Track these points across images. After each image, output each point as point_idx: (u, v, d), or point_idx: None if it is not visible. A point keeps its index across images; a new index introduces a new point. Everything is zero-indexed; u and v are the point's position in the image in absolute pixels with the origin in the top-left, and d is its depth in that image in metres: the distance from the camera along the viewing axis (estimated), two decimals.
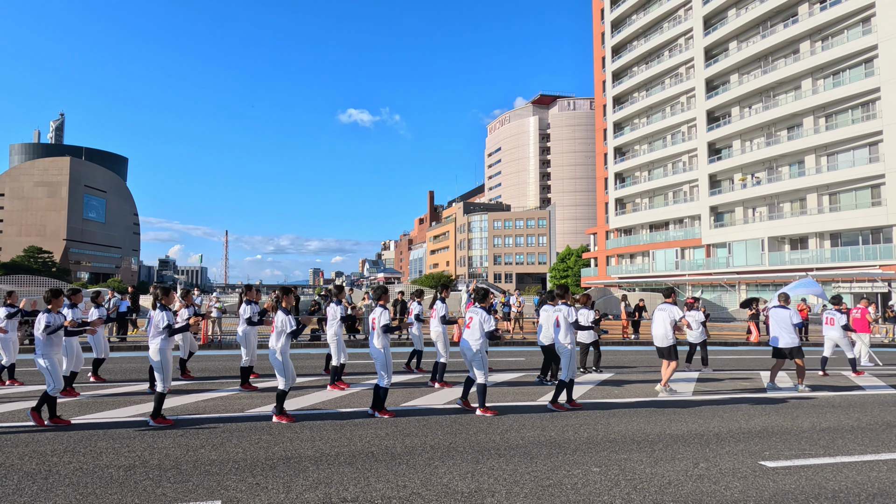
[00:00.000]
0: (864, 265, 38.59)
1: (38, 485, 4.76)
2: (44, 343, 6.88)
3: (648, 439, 6.53)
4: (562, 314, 8.32)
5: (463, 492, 4.71)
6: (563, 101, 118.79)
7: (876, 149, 39.32)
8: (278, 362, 7.11)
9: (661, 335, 9.61)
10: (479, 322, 7.66)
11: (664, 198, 58.31)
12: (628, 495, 4.68)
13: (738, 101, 49.95)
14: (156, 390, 6.94)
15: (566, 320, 8.27)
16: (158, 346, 6.89)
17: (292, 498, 4.51)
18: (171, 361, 7.03)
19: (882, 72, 38.11)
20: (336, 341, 9.65)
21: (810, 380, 11.62)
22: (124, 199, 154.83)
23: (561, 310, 8.38)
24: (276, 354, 7.11)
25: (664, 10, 57.83)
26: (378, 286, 8.27)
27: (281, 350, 7.10)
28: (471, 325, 7.77)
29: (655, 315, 9.79)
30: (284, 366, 7.11)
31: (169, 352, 6.99)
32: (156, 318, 6.97)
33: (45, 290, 7.22)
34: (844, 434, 7.00)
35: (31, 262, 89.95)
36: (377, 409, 7.54)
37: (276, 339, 7.12)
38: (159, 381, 6.89)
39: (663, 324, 9.59)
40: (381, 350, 7.55)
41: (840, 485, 5.06)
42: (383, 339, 7.61)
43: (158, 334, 6.90)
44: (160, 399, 6.91)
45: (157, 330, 6.91)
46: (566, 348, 8.23)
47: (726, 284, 47.33)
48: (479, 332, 7.62)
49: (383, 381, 7.45)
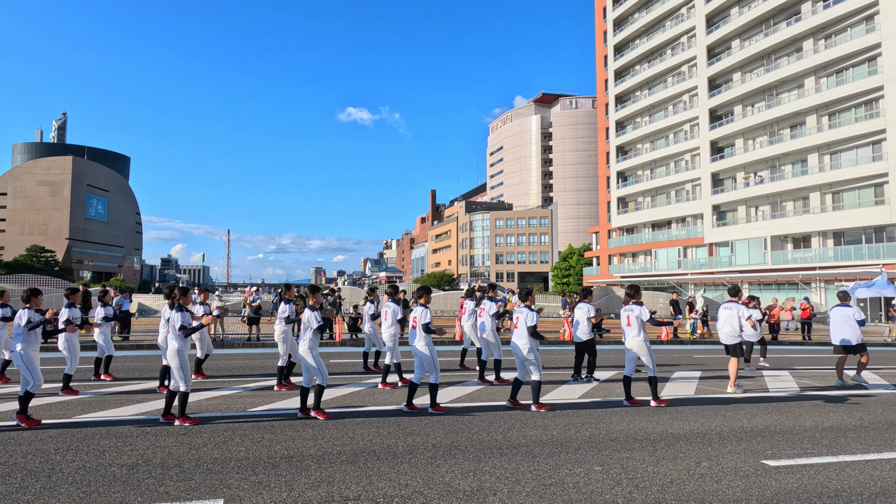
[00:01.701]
0: (868, 264, 38.48)
1: (41, 483, 4.77)
2: (23, 339, 6.90)
3: (650, 438, 6.52)
4: (633, 314, 8.50)
5: (465, 490, 4.71)
6: (566, 100, 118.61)
7: (879, 147, 39.20)
8: (306, 360, 7.25)
9: (728, 333, 9.79)
10: (524, 321, 7.84)
11: (666, 197, 58.21)
12: (630, 494, 4.67)
13: (741, 99, 49.83)
14: (179, 390, 6.91)
15: (639, 319, 8.46)
16: (176, 346, 6.91)
17: (294, 496, 4.52)
18: (188, 361, 7.06)
19: (885, 70, 37.98)
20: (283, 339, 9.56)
21: (821, 379, 11.58)
22: (127, 198, 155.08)
23: (633, 310, 8.57)
24: (303, 351, 7.24)
25: (666, 9, 57.71)
26: (420, 286, 8.41)
27: (309, 347, 7.21)
28: (518, 325, 7.93)
29: (722, 313, 10.00)
30: (316, 361, 7.23)
31: (186, 352, 7.01)
32: (172, 319, 7.00)
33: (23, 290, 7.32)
34: (847, 433, 6.99)
35: (34, 262, 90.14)
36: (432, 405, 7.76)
37: (302, 336, 7.28)
38: (181, 381, 6.89)
39: (730, 322, 9.76)
40: (424, 349, 7.68)
41: (843, 484, 5.05)
42: (426, 338, 7.72)
43: (175, 335, 6.95)
44: (184, 398, 6.94)
45: (174, 331, 6.97)
46: (645, 345, 8.45)
47: (729, 283, 47.22)
48: (527, 335, 7.82)
49: (433, 378, 7.68)
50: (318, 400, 7.29)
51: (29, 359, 6.89)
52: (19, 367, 6.87)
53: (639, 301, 8.69)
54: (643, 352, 8.42)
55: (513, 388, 8.23)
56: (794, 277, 41.86)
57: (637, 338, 8.42)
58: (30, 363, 6.88)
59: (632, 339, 8.49)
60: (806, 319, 22.89)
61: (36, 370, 6.88)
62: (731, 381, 9.89)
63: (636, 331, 8.43)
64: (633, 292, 8.79)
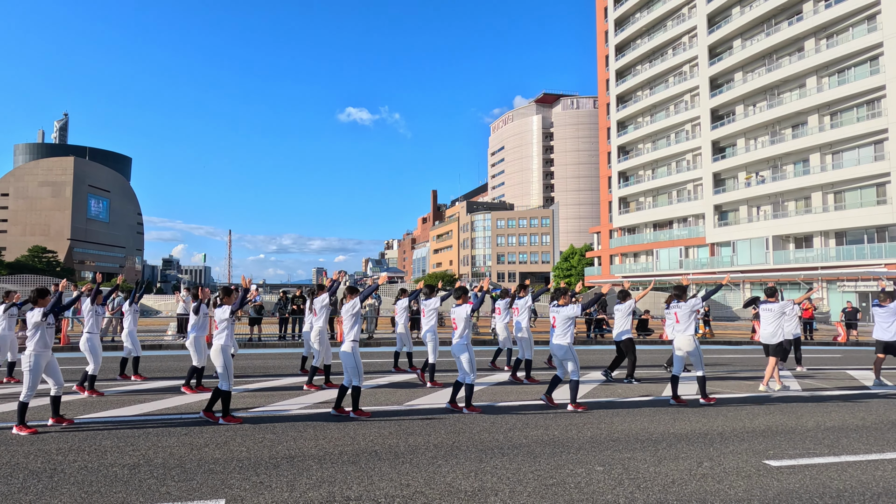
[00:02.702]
0: (870, 264, 38.41)
1: (43, 483, 4.78)
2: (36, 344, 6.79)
3: (652, 438, 6.52)
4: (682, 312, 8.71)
5: (466, 490, 4.71)
6: (567, 100, 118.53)
7: (881, 147, 39.12)
8: (348, 357, 7.35)
9: (770, 333, 9.95)
10: (561, 319, 8.02)
11: (668, 196, 58.15)
12: (632, 494, 4.67)
13: (743, 99, 49.77)
14: (220, 389, 6.99)
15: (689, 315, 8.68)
16: (221, 344, 7.04)
17: (296, 496, 4.52)
18: (231, 359, 7.14)
19: (887, 69, 37.91)
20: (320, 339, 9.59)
21: (823, 380, 11.56)
22: (128, 198, 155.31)
23: (681, 307, 8.77)
24: (345, 351, 7.37)
25: (668, 8, 57.65)
26: (459, 286, 8.52)
27: (351, 346, 7.35)
28: (556, 324, 8.08)
29: (761, 314, 10.17)
30: (356, 361, 7.33)
31: (229, 350, 7.12)
32: (218, 317, 7.15)
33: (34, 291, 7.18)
34: (849, 433, 6.97)
35: (36, 262, 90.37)
36: (467, 405, 7.79)
37: (346, 336, 7.40)
38: (223, 379, 6.99)
39: (770, 323, 9.95)
40: (464, 347, 7.75)
41: (844, 484, 5.04)
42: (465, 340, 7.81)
43: (220, 333, 7.04)
44: (227, 398, 7.03)
45: (220, 329, 7.07)
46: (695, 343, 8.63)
47: (730, 283, 47.20)
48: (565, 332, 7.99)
49: (468, 379, 7.71)
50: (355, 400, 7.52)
51: (37, 366, 6.67)
52: (25, 371, 6.68)
53: (685, 300, 8.94)
54: (693, 351, 8.63)
55: (550, 385, 8.34)
56: (796, 277, 41.78)
57: (688, 336, 8.65)
58: (36, 371, 6.71)
59: (681, 336, 8.71)
60: (807, 319, 22.85)
61: (37, 378, 6.61)
62: (765, 379, 10.17)
63: (684, 328, 8.66)
64: (680, 292, 9.08)
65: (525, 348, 10.54)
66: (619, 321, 10.91)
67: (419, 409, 8.03)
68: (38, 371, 6.56)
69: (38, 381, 6.60)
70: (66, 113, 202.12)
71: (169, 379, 10.54)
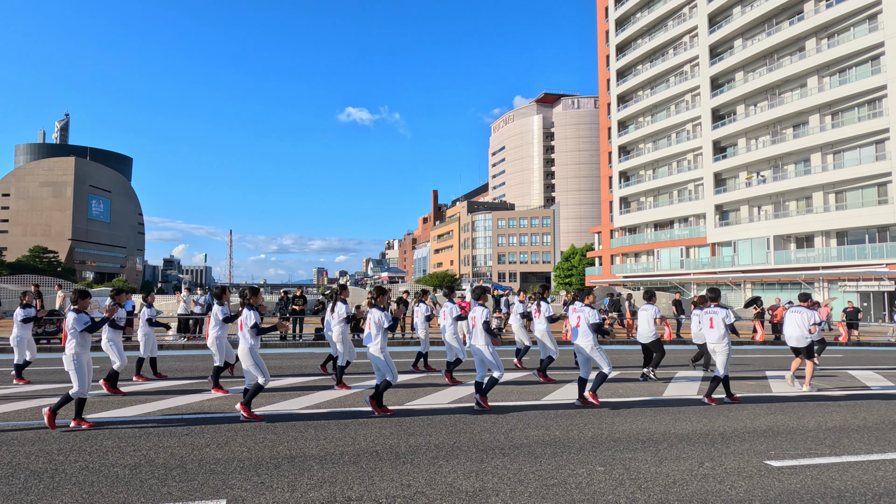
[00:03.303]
0: (871, 264, 38.36)
1: (44, 483, 4.78)
2: (76, 342, 6.89)
3: (653, 438, 6.51)
4: (718, 316, 8.81)
5: (467, 491, 4.71)
6: (567, 100, 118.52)
7: (882, 146, 39.08)
8: (379, 359, 7.44)
9: (798, 336, 10.14)
10: (586, 319, 8.20)
11: (669, 196, 58.12)
12: (633, 494, 4.67)
13: (744, 98, 49.73)
14: (256, 383, 7.13)
15: (724, 322, 8.75)
16: (249, 345, 7.11)
17: (297, 497, 4.52)
18: (260, 356, 7.22)
19: (888, 69, 37.87)
20: (342, 340, 9.70)
21: (825, 380, 11.54)
22: (129, 198, 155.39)
23: (717, 312, 8.89)
24: (373, 350, 7.46)
25: (669, 8, 57.62)
26: (477, 286, 8.69)
27: (381, 347, 7.45)
28: (580, 324, 8.26)
29: (789, 317, 10.37)
30: (386, 361, 7.45)
31: (257, 349, 7.23)
32: (244, 317, 7.21)
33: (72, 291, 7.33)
34: (850, 433, 6.97)
35: (37, 262, 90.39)
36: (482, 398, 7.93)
37: (373, 337, 7.48)
38: (259, 375, 7.10)
39: (798, 325, 10.13)
40: (484, 348, 7.83)
41: (846, 484, 5.03)
42: (485, 337, 7.88)
43: (248, 333, 7.12)
44: (257, 390, 7.17)
45: (246, 329, 7.14)
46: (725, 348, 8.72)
47: (731, 283, 47.19)
48: (589, 333, 8.20)
49: (496, 373, 7.78)
50: (380, 398, 7.64)
51: (80, 363, 6.83)
52: (69, 369, 6.79)
53: (721, 304, 9.08)
54: (723, 353, 8.72)
55: (579, 387, 8.43)
56: (797, 277, 41.75)
57: (721, 341, 8.73)
58: (80, 367, 6.83)
59: (716, 340, 8.79)
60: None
61: (84, 376, 6.79)
62: (807, 380, 10.32)
63: (722, 333, 8.75)
64: (714, 295, 9.20)
65: (543, 349, 10.75)
66: (647, 322, 10.99)
67: (420, 409, 8.03)
68: (81, 368, 6.78)
69: (84, 376, 6.78)
70: (66, 113, 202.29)
71: (170, 379, 10.54)
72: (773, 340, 21.22)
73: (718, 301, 9.14)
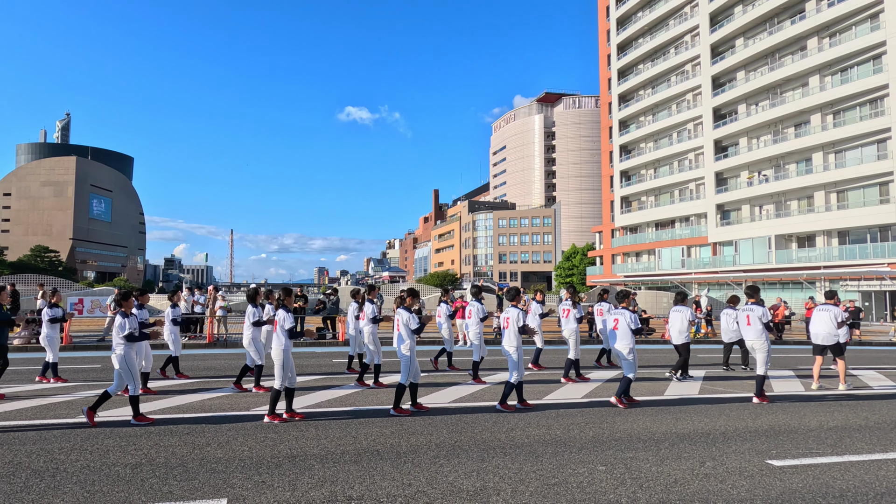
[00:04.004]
0: (873, 263, 38.29)
1: (45, 482, 4.78)
2: (124, 346, 6.92)
3: (654, 438, 6.50)
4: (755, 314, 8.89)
5: (468, 490, 4.70)
6: (569, 99, 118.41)
7: (884, 146, 39.00)
8: (406, 358, 7.55)
9: (825, 334, 10.17)
10: (625, 323, 8.28)
11: (670, 196, 58.05)
12: (634, 494, 4.66)
13: (745, 98, 49.65)
14: (274, 387, 7.15)
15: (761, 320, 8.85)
16: (283, 345, 7.13)
17: (298, 496, 4.52)
18: (291, 359, 7.24)
19: (890, 68, 37.78)
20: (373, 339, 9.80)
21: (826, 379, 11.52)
22: (130, 198, 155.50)
23: (753, 310, 8.98)
24: (404, 351, 7.56)
25: (670, 7, 57.54)
26: (511, 288, 8.80)
27: (409, 348, 7.57)
28: (619, 326, 8.35)
29: (816, 315, 10.41)
30: (411, 361, 7.57)
31: (290, 350, 7.25)
32: (279, 318, 7.22)
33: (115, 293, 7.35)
34: (852, 433, 6.95)
35: (38, 262, 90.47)
36: (502, 402, 7.99)
37: (404, 337, 7.59)
38: (278, 379, 7.12)
39: (825, 323, 10.16)
40: (514, 351, 7.91)
41: (848, 484, 5.02)
42: (517, 339, 7.95)
43: (283, 333, 7.16)
44: (279, 394, 7.19)
45: (280, 330, 7.17)
46: (764, 344, 8.80)
47: (733, 283, 47.09)
48: (628, 336, 8.28)
49: (512, 378, 7.88)
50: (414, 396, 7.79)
51: (131, 362, 6.91)
52: (122, 370, 6.85)
53: (759, 301, 9.13)
54: (763, 350, 8.78)
55: (620, 386, 8.49)
56: (799, 277, 41.69)
57: (760, 338, 8.79)
58: (132, 367, 6.90)
59: (755, 338, 8.85)
60: (809, 319, 22.76)
61: (136, 374, 6.93)
62: (841, 378, 10.38)
63: (759, 330, 8.81)
64: (752, 293, 9.21)
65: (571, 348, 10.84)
66: (681, 323, 11.04)
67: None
68: (133, 367, 6.91)
69: (136, 374, 6.95)
70: (68, 113, 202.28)
71: (171, 379, 10.54)
72: (773, 340, 21.19)
73: (756, 298, 9.18)
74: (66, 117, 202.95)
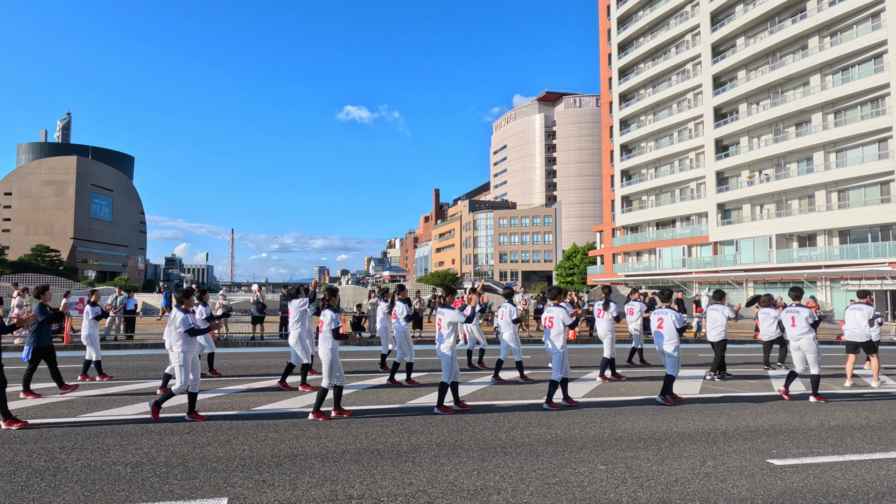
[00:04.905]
0: (873, 262, 38.26)
1: (46, 481, 4.78)
2: (183, 341, 6.98)
3: (655, 437, 6.50)
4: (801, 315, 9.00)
5: (469, 489, 4.70)
6: (569, 98, 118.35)
7: (885, 145, 38.96)
8: (447, 357, 7.61)
9: (859, 332, 10.37)
10: (670, 322, 8.44)
11: (671, 195, 58.01)
12: (634, 493, 4.66)
13: (746, 97, 49.60)
14: (321, 386, 7.25)
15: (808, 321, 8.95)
16: (330, 346, 7.20)
17: (298, 495, 4.52)
18: (339, 360, 7.31)
19: (891, 67, 37.73)
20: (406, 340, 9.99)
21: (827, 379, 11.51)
22: (131, 197, 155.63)
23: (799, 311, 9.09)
24: (444, 350, 7.61)
25: (671, 7, 57.48)
26: (554, 287, 8.98)
27: (450, 347, 7.62)
28: (664, 326, 8.51)
29: (849, 314, 10.63)
30: (452, 360, 7.62)
31: (337, 351, 7.31)
32: (326, 319, 7.28)
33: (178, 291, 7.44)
34: (853, 432, 6.95)
35: (39, 261, 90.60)
36: (549, 401, 8.09)
37: (445, 336, 7.66)
38: (325, 378, 7.20)
39: (859, 322, 10.38)
40: (559, 350, 8.05)
41: (848, 483, 5.02)
42: (563, 339, 8.10)
43: (330, 336, 7.22)
44: (339, 392, 7.34)
45: (327, 330, 7.24)
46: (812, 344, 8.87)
47: (734, 282, 47.07)
48: (673, 334, 8.46)
49: (557, 375, 8.06)
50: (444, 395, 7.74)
51: (186, 361, 6.96)
52: (178, 367, 6.91)
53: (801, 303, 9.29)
54: (811, 350, 8.86)
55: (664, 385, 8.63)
56: (800, 276, 41.65)
57: (807, 338, 8.88)
58: (185, 365, 6.95)
59: (802, 338, 8.94)
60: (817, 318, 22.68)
61: (187, 373, 6.98)
62: (874, 375, 10.56)
63: (805, 330, 8.90)
64: (797, 294, 9.40)
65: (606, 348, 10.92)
66: (719, 321, 11.21)
67: (421, 407, 8.02)
68: (187, 366, 6.98)
69: (188, 375, 7.00)
70: (68, 112, 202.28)
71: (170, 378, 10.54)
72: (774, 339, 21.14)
73: (800, 300, 9.36)
74: (67, 117, 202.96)
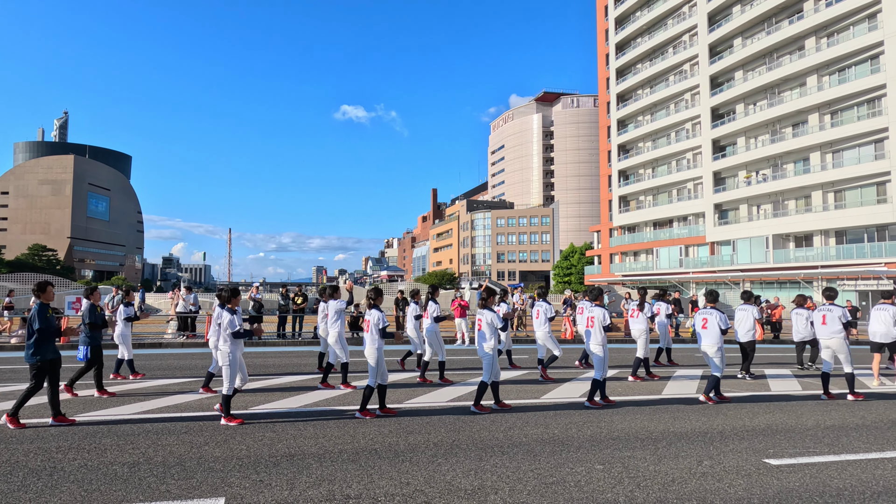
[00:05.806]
0: (870, 263, 38.37)
1: (42, 481, 4.78)
2: (231, 340, 6.94)
3: (652, 437, 6.51)
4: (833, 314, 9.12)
5: (466, 489, 4.70)
6: (567, 99, 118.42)
7: (882, 146, 39.08)
8: (488, 357, 7.70)
9: (884, 332, 10.47)
10: (714, 323, 8.60)
11: (668, 195, 58.10)
12: (631, 493, 4.67)
13: (743, 98, 49.71)
14: (371, 384, 7.36)
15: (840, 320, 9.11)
16: (376, 346, 7.33)
17: (296, 495, 4.52)
18: (384, 359, 7.42)
19: (888, 68, 37.85)
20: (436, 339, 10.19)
21: None
22: (128, 197, 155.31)
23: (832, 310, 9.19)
24: (486, 350, 7.72)
25: (668, 7, 57.56)
26: (595, 287, 9.10)
27: (492, 347, 7.72)
28: (708, 326, 8.66)
29: (875, 314, 10.71)
30: (493, 360, 7.72)
31: (383, 350, 7.43)
32: (373, 319, 7.38)
33: (223, 290, 7.32)
34: (849, 432, 6.97)
35: (36, 260, 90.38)
36: (590, 399, 8.22)
37: (487, 337, 7.74)
38: (372, 376, 7.33)
39: (883, 322, 10.46)
40: (599, 351, 8.22)
41: (845, 483, 5.04)
42: (603, 339, 8.34)
43: (377, 336, 7.31)
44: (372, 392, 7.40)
45: (374, 330, 7.33)
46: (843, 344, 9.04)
47: (730, 282, 47.17)
48: (717, 335, 8.54)
49: (598, 375, 8.20)
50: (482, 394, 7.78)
51: (234, 360, 6.94)
52: (224, 366, 6.89)
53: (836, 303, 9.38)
54: (842, 350, 8.99)
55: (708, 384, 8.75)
56: (796, 276, 41.75)
57: (839, 337, 9.00)
58: (233, 365, 6.93)
59: (834, 337, 9.05)
60: None
61: (234, 375, 6.96)
62: (874, 375, 10.68)
63: (837, 330, 9.02)
64: (831, 294, 9.51)
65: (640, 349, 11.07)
66: (747, 322, 11.41)
67: (419, 407, 8.03)
68: (234, 366, 6.96)
69: (235, 375, 6.98)
70: (65, 111, 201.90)
71: (169, 378, 10.53)
72: (771, 339, 21.24)
73: (834, 300, 9.44)
74: (64, 116, 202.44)
